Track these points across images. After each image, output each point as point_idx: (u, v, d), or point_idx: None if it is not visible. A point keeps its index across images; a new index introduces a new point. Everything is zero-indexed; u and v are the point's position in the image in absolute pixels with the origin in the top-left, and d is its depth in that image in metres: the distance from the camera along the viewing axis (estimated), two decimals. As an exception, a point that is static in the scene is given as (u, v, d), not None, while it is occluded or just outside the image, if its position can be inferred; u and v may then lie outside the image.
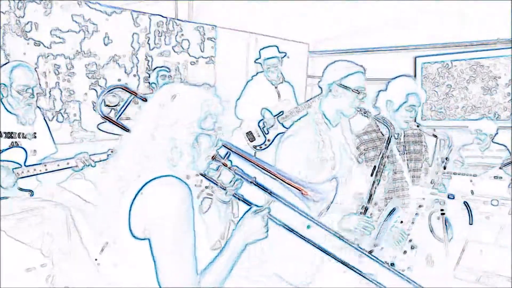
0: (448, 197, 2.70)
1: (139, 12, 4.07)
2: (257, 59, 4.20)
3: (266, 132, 3.84)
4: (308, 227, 1.57)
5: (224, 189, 1.48)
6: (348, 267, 1.52)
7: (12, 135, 2.67)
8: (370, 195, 2.09)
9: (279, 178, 1.47)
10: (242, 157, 1.51)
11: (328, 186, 1.55)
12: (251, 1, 4.58)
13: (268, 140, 3.84)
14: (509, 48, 4.17)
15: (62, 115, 3.60)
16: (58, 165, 2.65)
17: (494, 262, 2.50)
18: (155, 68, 3.97)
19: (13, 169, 2.59)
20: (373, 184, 2.10)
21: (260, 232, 1.40)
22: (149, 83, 3.97)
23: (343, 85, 2.13)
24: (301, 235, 1.44)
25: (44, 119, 2.90)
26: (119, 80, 3.96)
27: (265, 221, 1.40)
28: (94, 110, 3.81)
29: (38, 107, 2.85)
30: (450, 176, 2.81)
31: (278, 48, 4.13)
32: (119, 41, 3.93)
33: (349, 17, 4.59)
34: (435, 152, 2.41)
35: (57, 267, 2.58)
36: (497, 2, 4.03)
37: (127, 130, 1.49)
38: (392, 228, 2.23)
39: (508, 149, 3.79)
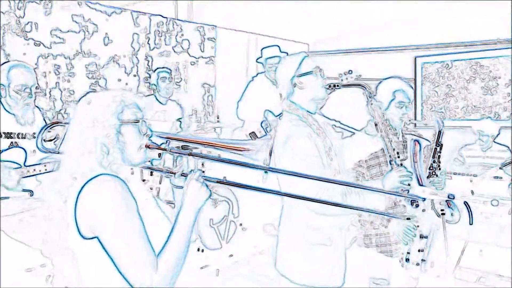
0: (448, 197, 2.70)
1: (139, 12, 4.07)
2: (258, 58, 4.20)
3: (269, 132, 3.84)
4: (266, 172, 1.67)
5: (172, 173, 1.53)
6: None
7: (12, 135, 2.67)
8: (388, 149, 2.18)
9: (217, 145, 1.59)
10: (177, 139, 1.60)
11: (258, 140, 1.66)
12: (251, 1, 4.58)
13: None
14: (509, 48, 4.17)
15: (62, 115, 3.60)
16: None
17: (494, 262, 2.50)
18: (156, 69, 3.97)
19: (13, 169, 2.59)
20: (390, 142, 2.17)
21: (202, 193, 1.44)
22: (149, 83, 3.97)
23: (303, 73, 2.15)
24: (251, 187, 1.50)
25: (44, 119, 2.90)
26: (119, 80, 3.96)
27: (201, 181, 1.44)
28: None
29: (36, 106, 2.84)
30: (450, 176, 2.81)
31: (279, 48, 4.13)
32: (119, 41, 3.93)
33: (349, 17, 4.59)
34: (431, 140, 2.43)
35: (57, 267, 2.58)
36: (497, 2, 4.03)
37: (58, 153, 1.64)
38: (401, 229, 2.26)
39: (510, 150, 3.78)
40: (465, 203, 2.70)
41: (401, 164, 2.15)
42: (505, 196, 2.64)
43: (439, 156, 2.36)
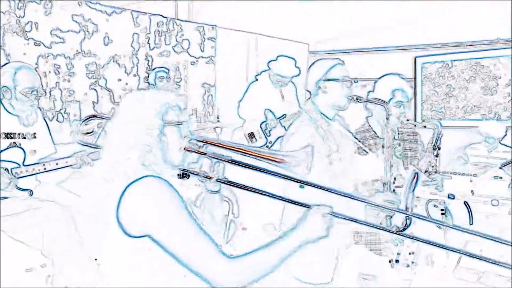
0: (448, 197, 2.70)
1: (139, 12, 4.07)
2: (270, 61, 4.04)
3: (268, 134, 3.83)
4: (301, 187, 1.61)
5: (208, 178, 1.54)
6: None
7: (12, 135, 2.67)
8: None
9: (254, 154, 1.54)
10: (216, 145, 1.57)
11: (301, 151, 1.61)
12: (251, 1, 4.58)
13: (270, 142, 3.83)
14: (509, 48, 4.17)
15: (62, 115, 3.60)
16: (57, 164, 2.65)
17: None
18: (153, 69, 3.97)
19: (12, 169, 2.59)
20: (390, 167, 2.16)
21: (322, 230, 1.40)
22: (148, 83, 3.97)
23: (329, 79, 2.17)
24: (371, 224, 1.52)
25: (44, 119, 2.90)
26: (119, 80, 3.95)
27: (327, 219, 1.41)
28: (94, 110, 3.81)
29: (39, 107, 2.85)
30: (450, 176, 2.81)
31: (295, 63, 3.98)
32: (119, 41, 3.93)
33: (349, 17, 4.59)
34: (428, 142, 2.44)
35: (57, 267, 2.58)
36: (497, 2, 4.03)
37: (97, 147, 1.66)
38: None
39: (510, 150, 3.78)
40: (465, 203, 2.70)
41: (394, 191, 2.15)
42: (505, 196, 2.63)
43: (437, 156, 2.38)
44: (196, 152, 1.51)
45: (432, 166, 2.42)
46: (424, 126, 2.46)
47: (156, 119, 1.43)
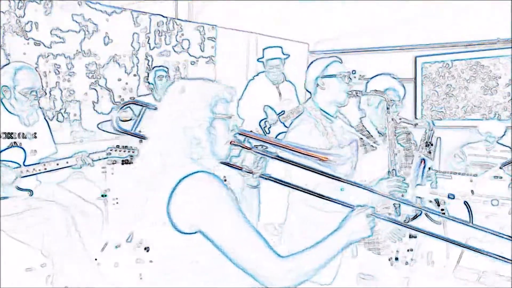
0: (448, 197, 2.70)
1: (139, 12, 4.07)
2: (260, 58, 4.18)
3: (268, 132, 3.84)
4: (342, 189, 1.63)
5: (251, 173, 1.51)
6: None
7: (12, 135, 2.67)
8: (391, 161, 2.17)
9: (299, 151, 1.49)
10: (260, 140, 1.54)
11: (347, 148, 1.59)
12: (251, 1, 4.58)
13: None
14: (509, 48, 4.17)
15: (63, 115, 3.60)
16: (58, 164, 2.65)
17: (494, 262, 2.50)
18: (153, 68, 3.97)
19: (12, 168, 2.59)
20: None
21: (365, 230, 1.39)
22: (148, 82, 3.97)
23: (327, 75, 2.19)
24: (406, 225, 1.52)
25: (45, 119, 2.90)
26: (119, 79, 3.95)
27: (370, 219, 1.40)
28: (94, 109, 3.81)
29: (40, 107, 2.85)
30: (450, 176, 2.81)
31: (282, 49, 4.11)
32: (119, 41, 3.93)
33: (349, 17, 4.59)
34: (421, 139, 2.45)
35: (57, 267, 2.58)
36: (497, 2, 4.03)
37: (144, 138, 1.52)
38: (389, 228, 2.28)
39: (511, 150, 3.78)
40: (465, 203, 2.69)
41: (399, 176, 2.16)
42: (505, 196, 2.63)
43: (429, 152, 2.38)
44: (242, 147, 1.49)
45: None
46: (416, 124, 2.47)
47: (206, 111, 1.41)
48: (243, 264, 1.28)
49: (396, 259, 2.31)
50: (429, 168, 2.43)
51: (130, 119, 1.68)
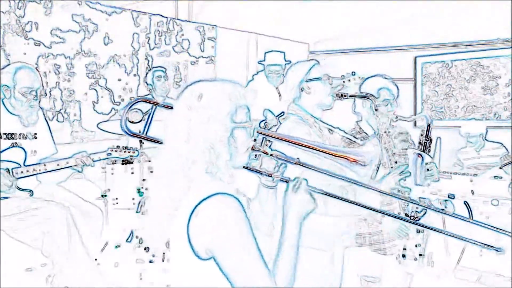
0: (449, 197, 2.70)
1: (139, 12, 4.07)
2: (261, 61, 4.18)
3: None
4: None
5: (270, 176, 1.46)
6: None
7: (13, 135, 2.67)
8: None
9: (322, 151, 1.44)
10: (279, 139, 1.48)
11: (370, 146, 1.56)
12: (251, 1, 4.58)
13: (269, 141, 3.83)
14: (509, 48, 4.17)
15: (62, 115, 3.60)
16: (58, 165, 2.65)
17: (494, 262, 2.50)
18: (151, 69, 3.97)
19: (12, 169, 2.59)
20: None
21: (309, 204, 1.36)
22: (146, 83, 3.97)
23: (311, 79, 2.20)
24: (345, 199, 1.46)
25: (45, 119, 2.90)
26: (119, 80, 3.95)
27: (308, 192, 1.36)
28: (94, 110, 3.81)
29: (40, 108, 2.85)
30: (450, 176, 2.81)
31: (284, 55, 4.10)
32: (119, 41, 3.93)
33: (349, 17, 4.59)
34: (420, 135, 2.44)
35: (57, 267, 2.58)
36: (497, 2, 4.03)
37: (160, 142, 1.43)
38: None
39: (504, 146, 3.78)
40: (465, 203, 2.69)
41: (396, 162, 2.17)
42: (505, 196, 2.64)
43: (429, 150, 2.37)
44: (262, 152, 1.43)
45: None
46: (414, 120, 2.47)
47: (227, 121, 1.31)
48: None
49: (404, 256, 2.30)
50: (429, 150, 2.41)
51: (141, 121, 1.56)
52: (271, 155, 1.43)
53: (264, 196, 1.52)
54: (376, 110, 2.25)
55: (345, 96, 2.23)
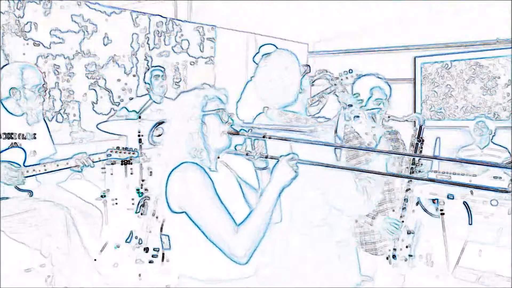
0: (448, 197, 2.70)
1: (139, 12, 4.07)
2: (255, 56, 4.15)
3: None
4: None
5: (248, 154, 1.72)
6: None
7: (12, 136, 2.67)
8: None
9: (289, 129, 1.70)
10: (252, 127, 1.76)
11: (325, 124, 1.71)
12: (251, 1, 4.58)
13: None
14: (509, 48, 4.17)
15: (62, 115, 3.60)
16: (57, 165, 2.65)
17: (494, 262, 2.50)
18: (149, 68, 3.97)
19: (17, 168, 2.59)
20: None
21: (290, 172, 1.60)
22: (144, 82, 3.96)
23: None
24: (332, 165, 1.64)
25: (44, 120, 2.90)
26: (119, 80, 3.95)
27: (293, 162, 1.60)
28: (94, 110, 3.81)
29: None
30: (450, 176, 2.81)
31: (276, 47, 4.09)
32: (119, 41, 3.93)
33: (349, 17, 4.59)
34: (412, 136, 2.43)
35: (57, 267, 2.58)
36: (497, 2, 4.03)
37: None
38: (385, 220, 2.28)
39: (508, 151, 3.79)
40: (465, 203, 2.70)
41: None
42: (505, 196, 2.64)
43: (421, 151, 2.37)
44: (236, 134, 1.70)
45: (419, 159, 2.41)
46: (406, 120, 2.45)
47: (197, 111, 1.67)
48: (212, 239, 1.56)
49: (394, 257, 2.30)
50: (421, 165, 2.40)
51: (161, 134, 1.90)
52: (242, 134, 1.71)
53: (262, 179, 1.76)
54: (344, 108, 2.20)
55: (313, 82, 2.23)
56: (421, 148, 2.37)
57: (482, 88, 4.44)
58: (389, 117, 2.44)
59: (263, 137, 1.68)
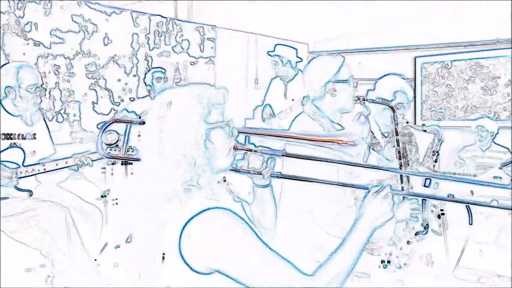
0: (448, 197, 2.69)
1: (139, 12, 4.07)
2: (269, 51, 4.08)
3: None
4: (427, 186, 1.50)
5: (260, 174, 1.40)
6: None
7: (12, 136, 2.67)
8: (401, 177, 1.98)
9: (309, 139, 1.39)
10: (263, 135, 1.43)
11: (357, 125, 1.48)
12: (251, 1, 4.58)
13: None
14: (509, 48, 4.17)
15: (62, 116, 3.60)
16: (57, 165, 2.65)
17: (494, 262, 2.50)
18: (150, 69, 3.96)
19: (11, 169, 2.59)
20: (401, 166, 2.04)
21: (387, 213, 1.28)
22: (145, 83, 3.97)
23: (340, 80, 1.95)
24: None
25: (44, 120, 2.90)
26: (119, 80, 3.95)
27: (389, 199, 1.29)
28: (94, 110, 3.81)
29: (39, 108, 2.85)
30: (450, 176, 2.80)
31: (297, 52, 4.04)
32: (119, 41, 3.93)
33: (349, 17, 4.59)
34: (428, 148, 2.42)
35: (57, 267, 2.58)
36: (497, 2, 4.03)
37: (138, 160, 1.35)
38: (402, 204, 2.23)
39: (510, 151, 3.79)
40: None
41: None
42: (505, 196, 2.63)
43: (436, 160, 2.36)
44: (246, 150, 1.35)
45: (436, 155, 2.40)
46: (424, 131, 2.42)
47: (200, 123, 1.21)
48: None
49: (389, 262, 2.28)
50: (435, 161, 2.39)
51: (117, 141, 1.51)
52: (255, 151, 1.36)
53: (261, 197, 1.47)
54: (395, 120, 2.08)
55: (365, 100, 2.01)
56: (436, 160, 2.35)
57: (482, 88, 4.44)
58: (407, 122, 2.40)
59: (282, 155, 1.36)
